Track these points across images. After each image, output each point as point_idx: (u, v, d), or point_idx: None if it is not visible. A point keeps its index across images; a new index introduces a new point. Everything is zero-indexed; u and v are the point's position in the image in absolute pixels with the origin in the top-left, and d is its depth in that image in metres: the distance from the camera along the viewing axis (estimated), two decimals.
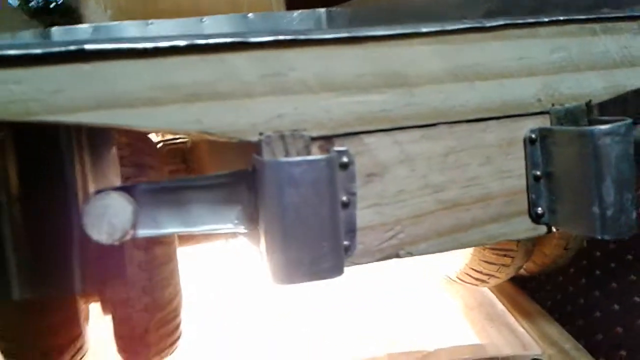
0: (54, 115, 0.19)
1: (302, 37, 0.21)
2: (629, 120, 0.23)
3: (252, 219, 0.22)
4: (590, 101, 0.26)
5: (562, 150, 0.24)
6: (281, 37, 0.21)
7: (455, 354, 0.43)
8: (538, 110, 0.25)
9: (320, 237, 0.21)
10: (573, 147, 0.23)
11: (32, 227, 0.29)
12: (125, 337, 0.32)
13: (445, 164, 0.24)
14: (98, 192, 0.20)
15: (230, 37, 0.20)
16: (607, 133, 0.23)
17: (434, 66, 0.23)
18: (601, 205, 0.23)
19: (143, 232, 0.21)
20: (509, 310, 0.50)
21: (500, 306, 0.51)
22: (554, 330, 0.46)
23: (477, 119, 0.24)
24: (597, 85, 0.26)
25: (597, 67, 0.26)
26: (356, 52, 0.22)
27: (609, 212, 0.23)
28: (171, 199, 0.22)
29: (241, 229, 0.22)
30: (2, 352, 0.34)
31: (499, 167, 0.24)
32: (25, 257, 0.29)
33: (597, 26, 0.26)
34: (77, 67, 0.19)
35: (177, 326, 0.35)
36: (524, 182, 0.25)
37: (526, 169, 0.25)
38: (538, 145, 0.25)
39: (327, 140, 0.22)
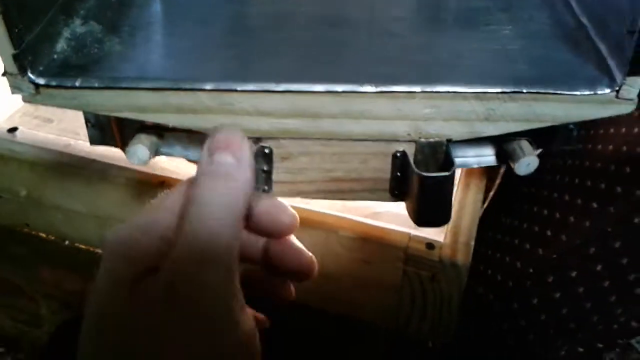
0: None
1: (248, 88, 0.35)
2: (448, 174, 0.35)
3: None
4: (450, 139, 0.37)
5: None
6: (235, 87, 0.35)
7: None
8: (407, 140, 0.37)
9: None
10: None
11: None
12: None
13: (333, 158, 0.38)
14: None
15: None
16: (426, 177, 0.36)
17: (332, 109, 0.36)
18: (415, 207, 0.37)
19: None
20: None
21: None
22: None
23: (360, 139, 0.37)
24: (459, 130, 0.37)
25: (461, 119, 0.36)
26: (280, 96, 0.35)
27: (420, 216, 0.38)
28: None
29: None
30: None
31: (372, 166, 0.38)
32: None
33: (470, 95, 0.35)
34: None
35: None
36: (389, 175, 0.39)
37: (391, 170, 0.38)
38: (399, 160, 0.38)
39: (257, 139, 0.37)
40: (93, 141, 0.41)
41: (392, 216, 0.57)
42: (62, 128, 0.74)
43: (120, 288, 0.31)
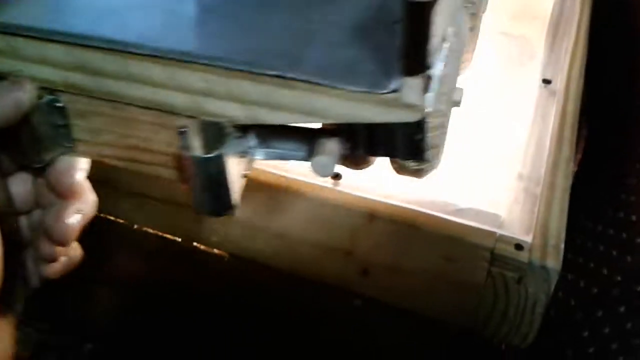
0: None
1: (28, 33, 0.34)
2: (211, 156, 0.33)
3: None
4: (231, 121, 0.34)
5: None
6: (16, 31, 0.34)
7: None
8: (187, 114, 0.34)
9: None
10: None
11: None
12: None
13: (125, 123, 0.36)
14: None
15: None
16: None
17: (109, 67, 0.34)
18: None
19: None
20: None
21: None
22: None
23: (145, 107, 0.35)
24: (239, 113, 0.33)
25: (239, 101, 0.33)
26: (60, 47, 0.34)
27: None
28: None
29: None
30: None
31: (162, 139, 0.36)
32: None
33: (240, 74, 0.32)
34: None
35: None
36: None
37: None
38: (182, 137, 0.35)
39: (51, 90, 0.36)
40: None
41: (475, 213, 0.54)
42: None
43: None
